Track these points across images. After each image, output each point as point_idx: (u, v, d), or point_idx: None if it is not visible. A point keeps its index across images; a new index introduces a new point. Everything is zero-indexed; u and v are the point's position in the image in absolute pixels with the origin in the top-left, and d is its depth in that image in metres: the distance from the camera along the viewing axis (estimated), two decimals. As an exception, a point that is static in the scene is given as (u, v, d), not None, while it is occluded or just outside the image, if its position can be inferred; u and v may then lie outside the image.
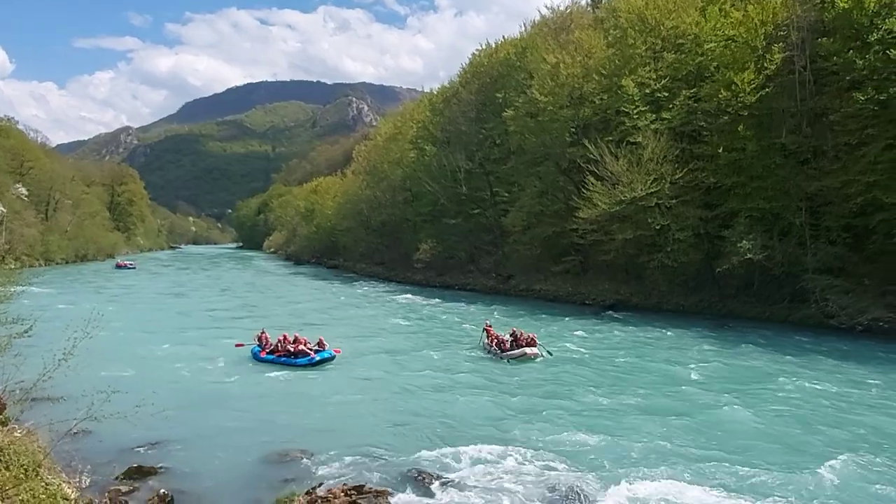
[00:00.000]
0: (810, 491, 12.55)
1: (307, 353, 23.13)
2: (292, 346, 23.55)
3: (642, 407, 18.29)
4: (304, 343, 23.58)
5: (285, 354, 23.33)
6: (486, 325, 27.18)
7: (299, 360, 22.91)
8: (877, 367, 22.18)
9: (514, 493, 12.84)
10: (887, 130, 28.30)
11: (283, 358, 23.24)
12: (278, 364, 23.11)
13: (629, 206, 35.48)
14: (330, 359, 23.33)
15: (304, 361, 22.88)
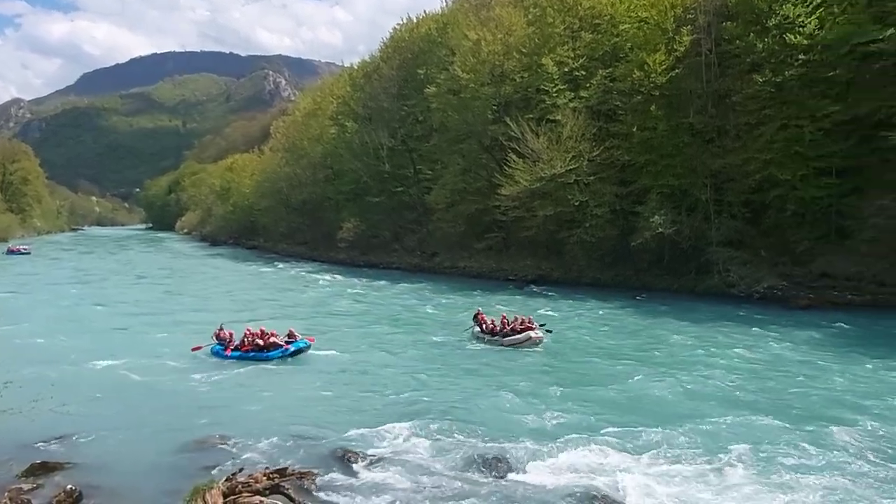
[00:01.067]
0: (718, 447, 13.47)
1: (279, 345, 21.08)
2: (261, 339, 21.31)
3: (562, 378, 18.95)
4: (273, 335, 21.40)
5: (254, 349, 21.12)
6: (477, 311, 25.02)
7: (272, 354, 20.83)
8: (772, 330, 24.04)
9: (438, 466, 13.02)
10: (782, 111, 30.35)
11: (252, 353, 21.04)
12: (247, 360, 20.85)
13: (549, 183, 36.35)
14: (305, 349, 21.43)
15: (278, 354, 20.86)
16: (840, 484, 11.73)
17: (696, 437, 13.90)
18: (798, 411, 15.37)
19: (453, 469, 12.88)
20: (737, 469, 12.31)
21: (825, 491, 11.45)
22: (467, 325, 24.56)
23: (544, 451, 13.38)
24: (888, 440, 13.48)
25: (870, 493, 11.36)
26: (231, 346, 21.71)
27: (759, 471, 12.27)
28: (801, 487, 11.56)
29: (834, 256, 29.71)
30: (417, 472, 12.71)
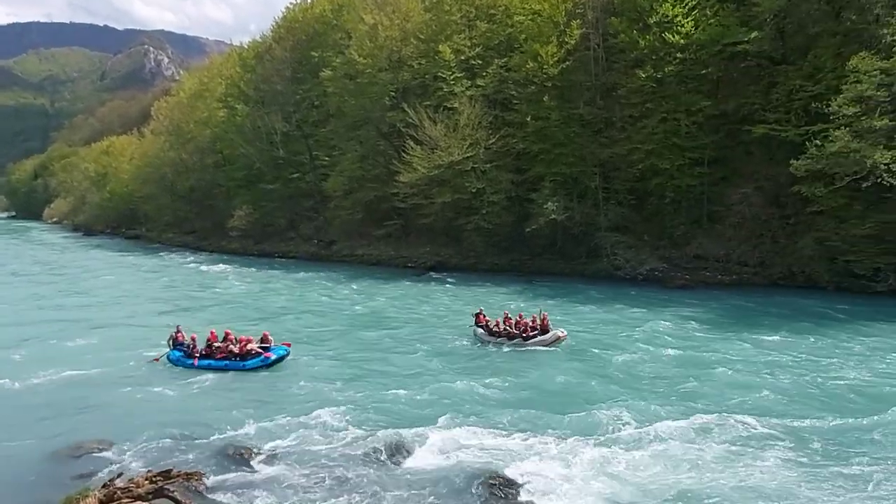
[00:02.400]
0: (599, 423, 14.22)
1: (258, 352, 18.81)
2: (236, 346, 18.91)
3: (455, 363, 19.22)
4: (249, 341, 19.06)
5: (226, 357, 18.82)
6: (479, 311, 22.50)
7: (249, 363, 18.55)
8: (652, 308, 25.79)
9: (334, 457, 12.83)
10: (662, 105, 32.41)
11: (224, 362, 18.70)
12: (218, 370, 18.44)
13: (447, 171, 36.66)
14: (285, 356, 19.21)
15: (256, 363, 18.58)
16: (705, 452, 12.77)
17: (579, 415, 14.61)
18: (673, 385, 16.57)
19: (350, 459, 12.74)
20: (617, 445, 13.06)
21: (698, 459, 12.43)
22: (469, 326, 22.09)
23: (438, 437, 13.59)
24: (754, 405, 14.87)
25: (735, 458, 12.48)
26: (195, 352, 19.10)
27: (640, 445, 13.10)
28: (671, 458, 12.47)
29: (706, 239, 32.32)
30: (314, 465, 12.46)
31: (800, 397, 15.30)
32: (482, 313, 22.07)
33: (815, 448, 12.60)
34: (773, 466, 11.83)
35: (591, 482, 11.50)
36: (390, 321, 25.46)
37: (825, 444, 12.71)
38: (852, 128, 24.97)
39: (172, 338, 19.88)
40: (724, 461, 12.10)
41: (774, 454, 12.34)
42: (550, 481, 11.64)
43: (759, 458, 12.21)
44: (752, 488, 11.06)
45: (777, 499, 10.75)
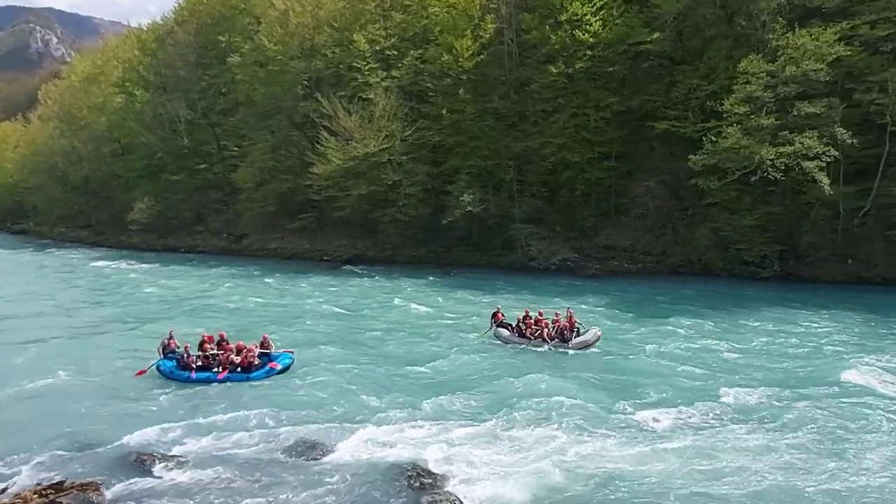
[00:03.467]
0: (508, 407, 14.53)
1: (261, 362, 17.06)
2: (237, 355, 17.00)
3: (375, 354, 19.05)
4: (251, 350, 17.18)
5: (228, 369, 16.83)
6: (497, 309, 20.78)
7: (254, 376, 16.69)
8: (565, 297, 26.56)
9: (247, 458, 12.36)
10: (573, 100, 33.47)
11: (226, 376, 16.70)
12: (216, 382, 16.51)
13: (363, 162, 36.16)
14: (291, 364, 17.42)
15: (261, 375, 16.77)
16: (625, 434, 13.34)
17: (500, 403, 14.85)
18: (588, 370, 17.18)
19: (266, 460, 12.33)
20: (537, 431, 13.34)
21: (617, 441, 12.95)
22: (484, 329, 20.44)
23: (360, 431, 13.40)
24: (662, 386, 15.68)
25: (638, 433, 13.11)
26: (191, 362, 16.98)
27: (560, 430, 13.47)
28: (591, 442, 12.93)
29: (614, 230, 33.79)
30: (226, 468, 11.94)
31: (703, 377, 16.28)
32: (500, 312, 20.23)
33: (727, 423, 13.45)
34: (687, 446, 12.37)
35: (512, 469, 11.69)
36: (307, 315, 24.83)
37: (733, 420, 13.58)
38: (742, 125, 26.80)
39: (164, 345, 17.49)
40: (644, 442, 12.60)
41: (686, 432, 13.01)
42: (473, 470, 11.74)
43: (674, 437, 12.86)
44: (672, 469, 11.48)
45: (698, 480, 11.17)
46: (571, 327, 18.92)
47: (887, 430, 12.76)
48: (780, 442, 12.39)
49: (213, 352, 17.13)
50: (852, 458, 11.70)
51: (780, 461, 11.64)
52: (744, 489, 10.74)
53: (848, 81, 27.45)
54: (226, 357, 16.91)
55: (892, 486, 10.72)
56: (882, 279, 26.58)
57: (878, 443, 12.24)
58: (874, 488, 10.66)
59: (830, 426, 13.01)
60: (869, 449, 12.01)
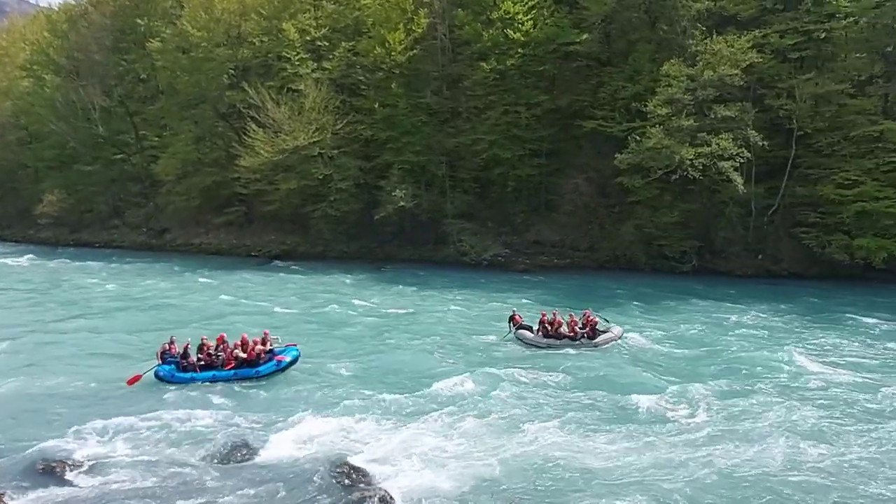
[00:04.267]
0: (440, 400, 14.55)
1: (267, 357, 16.33)
2: (242, 349, 16.26)
3: (306, 351, 18.57)
4: (256, 343, 16.49)
5: (234, 365, 16.07)
6: (513, 312, 20.01)
7: (263, 369, 16.07)
8: (495, 291, 27.07)
9: (168, 460, 11.77)
10: (504, 98, 33.89)
11: (231, 372, 15.94)
12: (225, 381, 15.76)
13: (293, 156, 35.26)
14: (298, 357, 16.84)
15: (271, 368, 16.16)
16: (553, 424, 13.59)
17: (428, 396, 14.84)
18: (517, 362, 17.42)
19: (186, 462, 11.77)
20: (464, 422, 13.37)
21: (545, 432, 13.16)
22: (504, 333, 19.55)
23: (282, 430, 13.05)
24: (587, 377, 16.09)
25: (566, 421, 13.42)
26: (191, 362, 16.00)
27: (485, 422, 13.57)
28: (517, 432, 13.09)
29: (543, 226, 34.52)
30: (144, 471, 11.33)
31: (627, 366, 16.83)
32: (517, 314, 19.63)
33: (644, 413, 13.93)
34: (616, 436, 12.70)
35: (443, 461, 11.66)
36: (235, 312, 23.93)
37: (658, 409, 14.07)
38: (664, 126, 27.94)
39: (163, 350, 16.30)
40: (569, 433, 12.80)
41: (612, 421, 13.37)
42: (404, 464, 11.62)
43: (600, 426, 13.19)
44: (595, 457, 11.74)
45: (622, 467, 11.48)
46: (594, 325, 18.72)
47: (797, 409, 13.59)
48: (699, 426, 12.97)
49: (213, 351, 16.24)
50: (770, 441, 12.37)
51: (696, 446, 12.18)
52: (662, 478, 11.13)
53: (759, 87, 29.19)
54: (231, 353, 16.14)
55: (817, 462, 11.40)
56: (788, 273, 28.42)
57: (792, 422, 13.02)
58: (805, 468, 11.32)
59: (740, 407, 13.74)
60: (785, 429, 12.74)
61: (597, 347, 18.18)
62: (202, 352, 16.20)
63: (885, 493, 10.49)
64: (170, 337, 16.74)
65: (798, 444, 12.05)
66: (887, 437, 12.31)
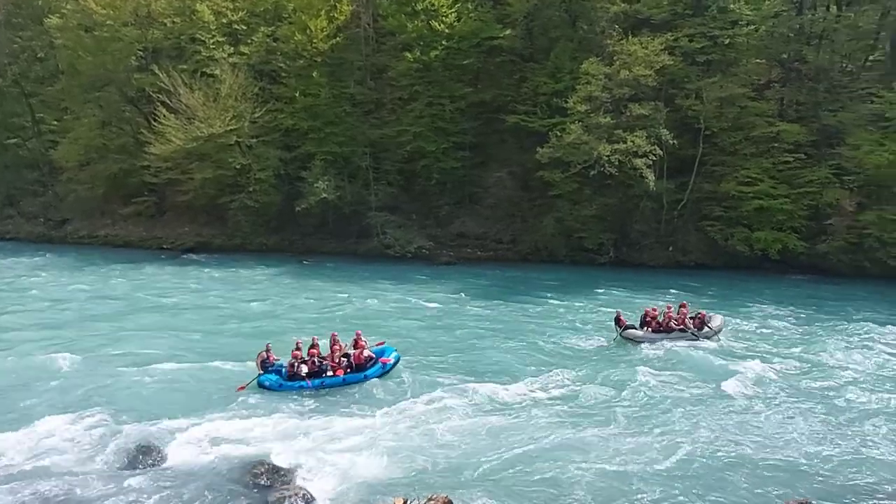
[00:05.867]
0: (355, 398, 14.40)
1: (371, 357, 15.67)
2: (352, 354, 15.55)
3: (216, 348, 17.86)
4: (363, 347, 15.79)
5: (348, 370, 15.30)
6: (617, 313, 19.07)
7: (371, 372, 15.36)
8: (419, 283, 27.13)
9: (64, 468, 11.03)
10: (429, 90, 33.85)
11: (343, 377, 15.11)
12: (334, 387, 14.96)
13: (207, 144, 33.75)
14: (399, 358, 16.12)
15: (377, 372, 15.46)
16: (477, 417, 13.72)
17: (341, 390, 14.74)
18: (446, 354, 17.49)
19: (86, 470, 11.06)
20: (389, 417, 13.33)
21: (467, 425, 13.25)
22: (612, 336, 18.79)
23: (193, 431, 12.51)
24: (513, 368, 16.36)
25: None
26: (299, 371, 14.98)
27: (411, 416, 13.54)
28: (444, 426, 13.12)
29: (467, 219, 34.82)
30: (34, 481, 10.47)
31: (545, 355, 17.26)
32: (622, 315, 18.90)
33: (570, 402, 14.31)
34: (548, 425, 12.92)
35: (363, 455, 11.51)
36: (141, 309, 22.67)
37: (578, 397, 14.49)
38: (584, 123, 28.78)
39: (263, 359, 15.38)
40: (494, 426, 12.90)
41: (543, 411, 13.61)
42: (323, 460, 11.39)
43: (531, 410, 13.46)
44: (526, 450, 11.84)
45: (557, 455, 11.67)
46: (702, 318, 18.48)
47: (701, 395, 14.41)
48: (602, 414, 13.50)
49: (318, 356, 15.42)
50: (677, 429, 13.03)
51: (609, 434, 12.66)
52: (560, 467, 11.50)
53: (670, 88, 30.62)
54: (336, 359, 15.38)
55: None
56: (695, 264, 30.07)
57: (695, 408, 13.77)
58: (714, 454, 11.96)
59: (643, 399, 14.42)
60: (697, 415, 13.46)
61: (706, 338, 17.96)
62: (309, 354, 15.46)
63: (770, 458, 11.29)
64: (266, 345, 15.80)
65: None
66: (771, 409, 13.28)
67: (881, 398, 13.92)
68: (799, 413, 13.26)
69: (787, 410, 13.42)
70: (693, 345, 17.62)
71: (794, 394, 14.32)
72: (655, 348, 17.49)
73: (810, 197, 28.64)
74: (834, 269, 27.66)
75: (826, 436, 12.24)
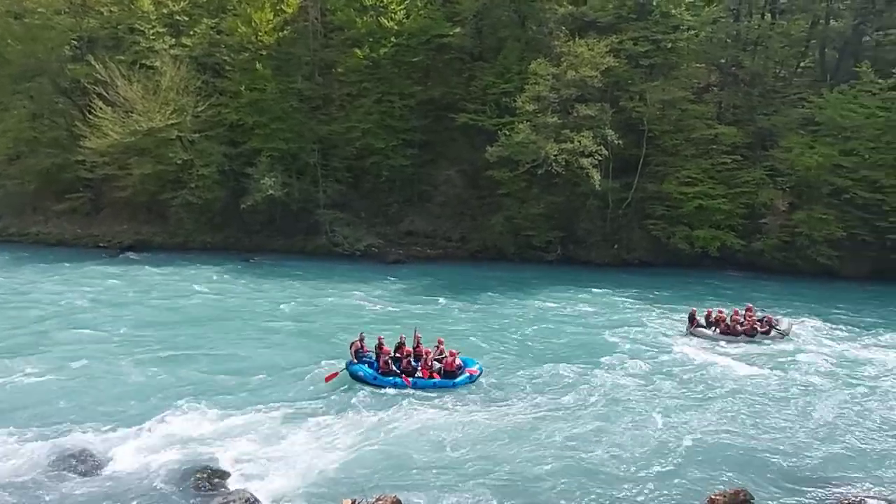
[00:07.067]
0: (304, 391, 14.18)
1: (460, 366, 15.28)
2: (440, 360, 15.31)
3: (158, 349, 17.29)
4: (453, 354, 15.41)
5: (435, 374, 15.10)
6: (692, 311, 19.72)
7: (459, 381, 15.03)
8: (368, 282, 26.92)
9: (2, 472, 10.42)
10: (378, 86, 33.61)
11: (433, 381, 14.90)
12: (427, 389, 14.68)
13: (147, 138, 32.53)
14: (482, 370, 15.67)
15: (465, 381, 15.09)
16: (417, 416, 13.67)
17: (291, 390, 14.49)
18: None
19: (20, 482, 10.44)
20: (330, 416, 13.20)
21: (407, 424, 13.19)
22: (684, 331, 19.45)
23: (132, 436, 12.12)
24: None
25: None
26: (393, 368, 14.89)
27: (353, 415, 13.40)
28: (382, 426, 13.05)
29: (417, 217, 34.74)
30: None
31: (493, 352, 17.39)
32: (696, 313, 19.56)
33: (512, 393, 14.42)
34: (483, 421, 13.07)
35: (308, 456, 11.36)
36: (74, 310, 21.64)
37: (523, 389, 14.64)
38: (532, 122, 29.14)
39: (357, 349, 15.24)
40: (440, 424, 12.92)
41: (485, 409, 13.73)
42: (268, 463, 11.20)
43: (474, 410, 13.49)
44: (470, 447, 11.92)
45: (502, 454, 11.77)
46: (769, 321, 18.92)
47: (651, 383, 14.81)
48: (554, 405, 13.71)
49: (407, 357, 15.25)
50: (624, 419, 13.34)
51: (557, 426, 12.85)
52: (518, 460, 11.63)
53: (616, 89, 31.37)
54: (429, 361, 15.24)
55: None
56: (639, 261, 30.91)
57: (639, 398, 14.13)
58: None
59: (598, 386, 14.74)
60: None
61: (776, 342, 18.36)
62: (400, 352, 15.35)
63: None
64: (360, 334, 15.70)
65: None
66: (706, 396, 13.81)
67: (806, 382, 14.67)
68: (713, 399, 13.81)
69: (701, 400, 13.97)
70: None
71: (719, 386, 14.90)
72: (724, 347, 18.02)
73: (746, 197, 29.89)
74: (768, 267, 28.94)
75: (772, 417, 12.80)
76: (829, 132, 28.75)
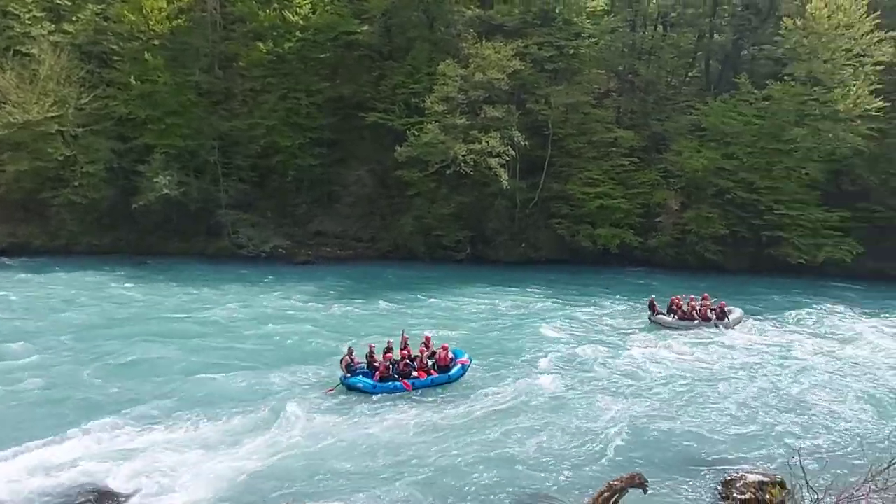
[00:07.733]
0: (211, 406, 13.43)
1: (452, 358, 15.50)
2: (430, 355, 15.47)
3: (37, 365, 15.74)
4: (445, 348, 15.64)
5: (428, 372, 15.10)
6: (651, 299, 21.12)
7: (454, 374, 15.29)
8: (275, 285, 26.05)
9: None
10: (283, 82, 32.52)
11: (430, 379, 14.91)
12: (425, 387, 14.74)
13: (23, 131, 29.67)
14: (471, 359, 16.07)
15: (459, 373, 15.37)
16: (309, 417, 13.29)
17: (191, 400, 13.69)
18: (302, 359, 16.80)
19: None
20: (236, 423, 12.63)
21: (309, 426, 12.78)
22: (644, 320, 20.82)
23: (11, 458, 10.86)
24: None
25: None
26: (390, 374, 14.73)
27: (261, 421, 12.84)
28: (294, 430, 12.58)
29: (326, 217, 33.91)
30: None
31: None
32: (654, 302, 20.79)
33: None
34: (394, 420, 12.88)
35: (207, 470, 10.74)
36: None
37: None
38: (441, 123, 29.28)
39: (347, 363, 14.81)
40: (337, 425, 12.66)
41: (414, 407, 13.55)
42: (164, 480, 10.48)
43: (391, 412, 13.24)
44: (387, 448, 11.82)
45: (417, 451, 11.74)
46: (722, 308, 20.35)
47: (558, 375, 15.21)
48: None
49: (404, 358, 15.17)
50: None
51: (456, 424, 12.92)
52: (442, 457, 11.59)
53: (522, 92, 32.21)
54: (421, 361, 15.19)
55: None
56: (546, 259, 31.87)
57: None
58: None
59: (505, 384, 14.98)
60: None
61: (727, 328, 19.85)
62: (388, 357, 15.23)
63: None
64: (348, 348, 15.27)
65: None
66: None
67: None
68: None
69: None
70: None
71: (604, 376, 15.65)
72: (680, 333, 19.43)
73: (643, 197, 31.67)
74: (663, 262, 30.81)
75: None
76: (713, 137, 31.10)
